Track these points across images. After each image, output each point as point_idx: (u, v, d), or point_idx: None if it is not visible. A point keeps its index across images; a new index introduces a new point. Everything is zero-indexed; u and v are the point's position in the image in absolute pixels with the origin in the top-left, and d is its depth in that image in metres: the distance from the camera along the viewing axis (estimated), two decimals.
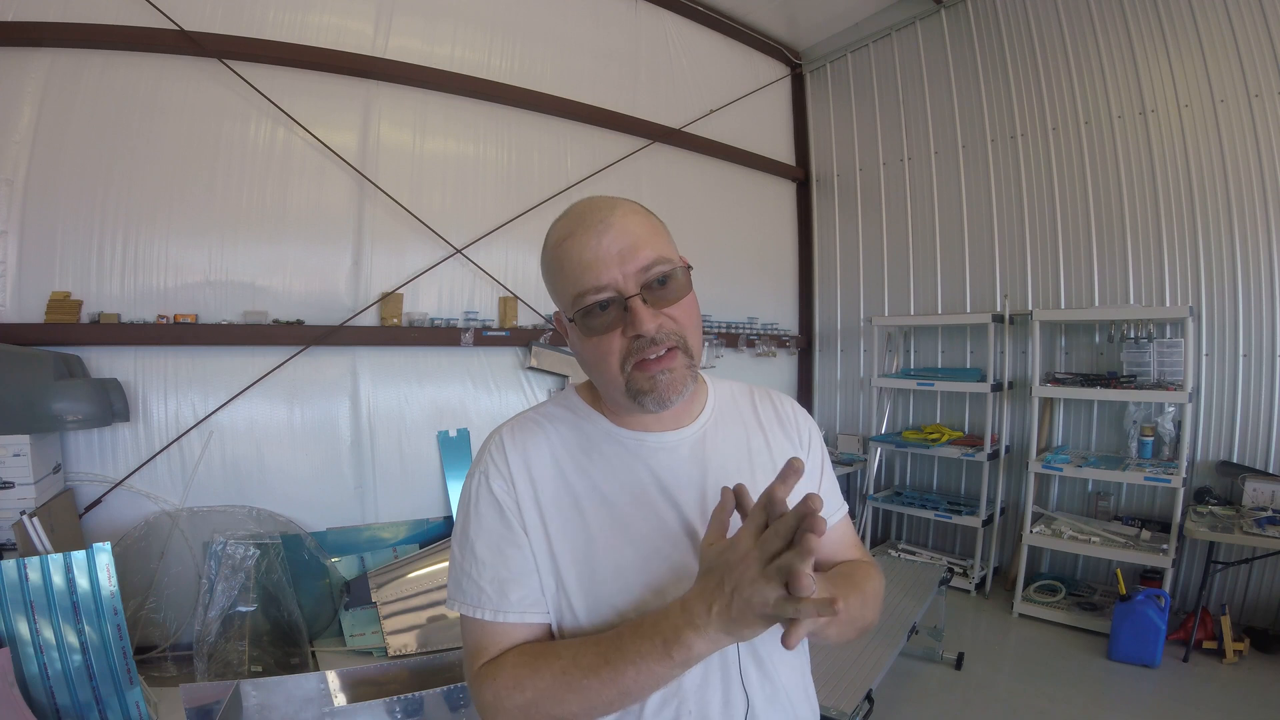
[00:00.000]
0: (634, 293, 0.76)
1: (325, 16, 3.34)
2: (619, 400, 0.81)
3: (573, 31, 4.20)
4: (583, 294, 0.76)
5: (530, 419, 0.88)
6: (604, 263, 0.76)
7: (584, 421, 0.87)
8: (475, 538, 0.81)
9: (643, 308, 0.76)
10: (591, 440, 0.85)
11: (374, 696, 1.98)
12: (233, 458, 3.15)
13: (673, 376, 0.77)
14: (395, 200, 3.49)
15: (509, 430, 0.86)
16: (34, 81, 2.77)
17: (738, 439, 0.90)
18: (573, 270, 0.77)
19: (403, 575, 3.24)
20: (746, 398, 0.97)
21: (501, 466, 0.82)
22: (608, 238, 0.76)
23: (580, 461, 0.84)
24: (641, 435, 0.86)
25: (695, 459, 0.86)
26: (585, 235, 0.77)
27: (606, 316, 0.76)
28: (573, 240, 0.78)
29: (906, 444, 4.40)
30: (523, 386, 3.96)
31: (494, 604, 0.78)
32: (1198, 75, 3.49)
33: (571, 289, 0.77)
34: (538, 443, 0.84)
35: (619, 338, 0.77)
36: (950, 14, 4.54)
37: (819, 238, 5.45)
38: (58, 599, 2.03)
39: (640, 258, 0.76)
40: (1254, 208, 3.35)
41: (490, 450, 0.84)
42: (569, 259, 0.78)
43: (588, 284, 0.76)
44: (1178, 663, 3.04)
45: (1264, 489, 3.19)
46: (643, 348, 0.76)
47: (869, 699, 2.14)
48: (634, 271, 0.76)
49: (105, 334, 2.83)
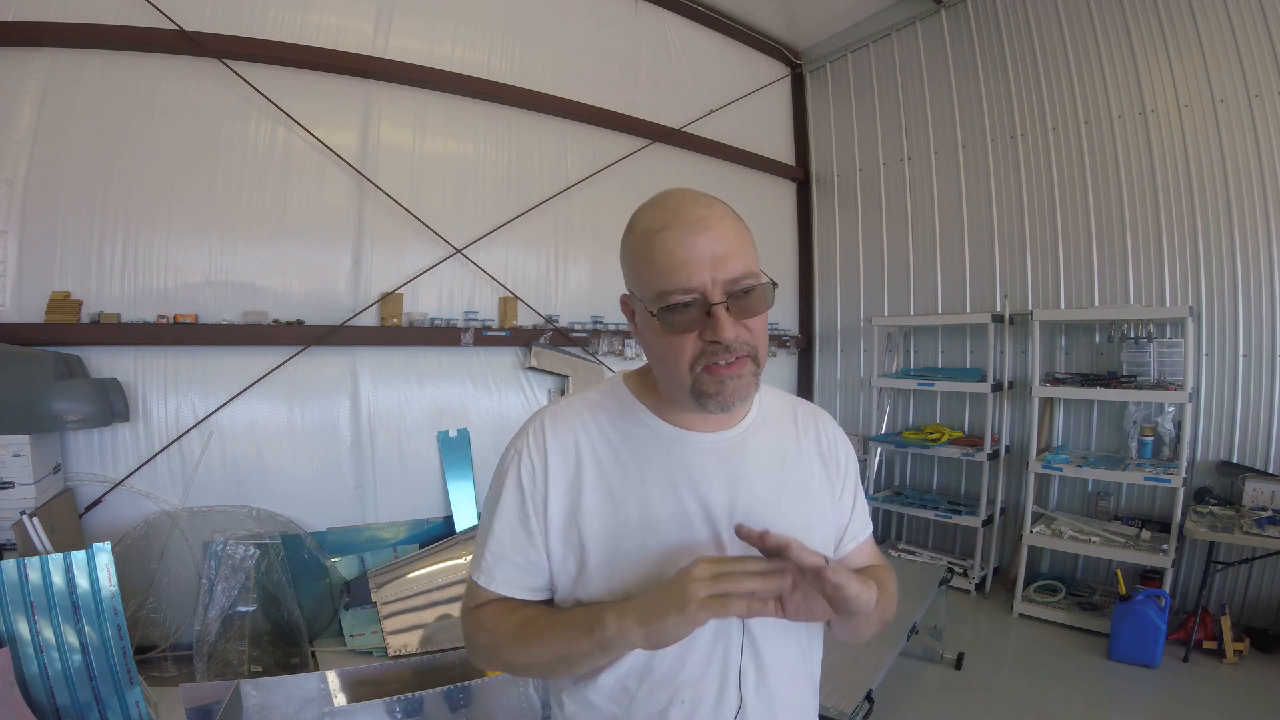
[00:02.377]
0: (720, 300, 0.76)
1: (325, 16, 3.34)
2: (679, 397, 0.83)
3: (573, 31, 4.20)
4: (670, 292, 0.76)
5: (574, 405, 0.90)
6: (697, 265, 0.76)
7: (627, 411, 0.89)
8: (497, 510, 0.86)
9: (725, 316, 0.76)
10: (632, 430, 0.87)
11: (374, 696, 1.98)
12: (233, 458, 3.15)
13: (739, 384, 0.79)
14: (395, 200, 3.49)
15: (551, 414, 0.88)
16: (34, 81, 2.77)
17: (773, 453, 0.91)
18: (664, 264, 0.77)
19: (403, 575, 3.24)
20: (790, 415, 0.97)
21: (536, 451, 0.85)
22: (704, 239, 0.76)
23: (619, 451, 0.86)
24: (682, 433, 0.87)
25: (730, 463, 0.87)
26: (681, 232, 0.76)
27: (688, 316, 0.77)
28: (668, 234, 0.77)
29: (906, 444, 4.40)
30: (523, 386, 3.96)
31: (489, 571, 0.85)
32: (1198, 75, 3.49)
33: (659, 283, 0.77)
34: (577, 429, 0.87)
35: (695, 339, 0.78)
36: (950, 14, 4.54)
37: (819, 238, 5.45)
38: (58, 599, 2.03)
39: (732, 267, 0.77)
40: (1254, 208, 3.35)
41: (530, 432, 0.87)
42: (661, 251, 0.77)
43: (678, 284, 0.76)
44: (1178, 663, 3.04)
45: (1264, 489, 3.19)
46: (716, 353, 0.77)
47: (869, 699, 2.14)
48: (724, 280, 0.76)
49: (105, 334, 2.83)
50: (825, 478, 0.95)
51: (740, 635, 0.82)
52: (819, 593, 0.73)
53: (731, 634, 0.81)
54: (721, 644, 0.81)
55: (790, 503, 0.89)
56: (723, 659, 0.81)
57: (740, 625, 0.82)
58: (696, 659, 0.81)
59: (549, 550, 0.84)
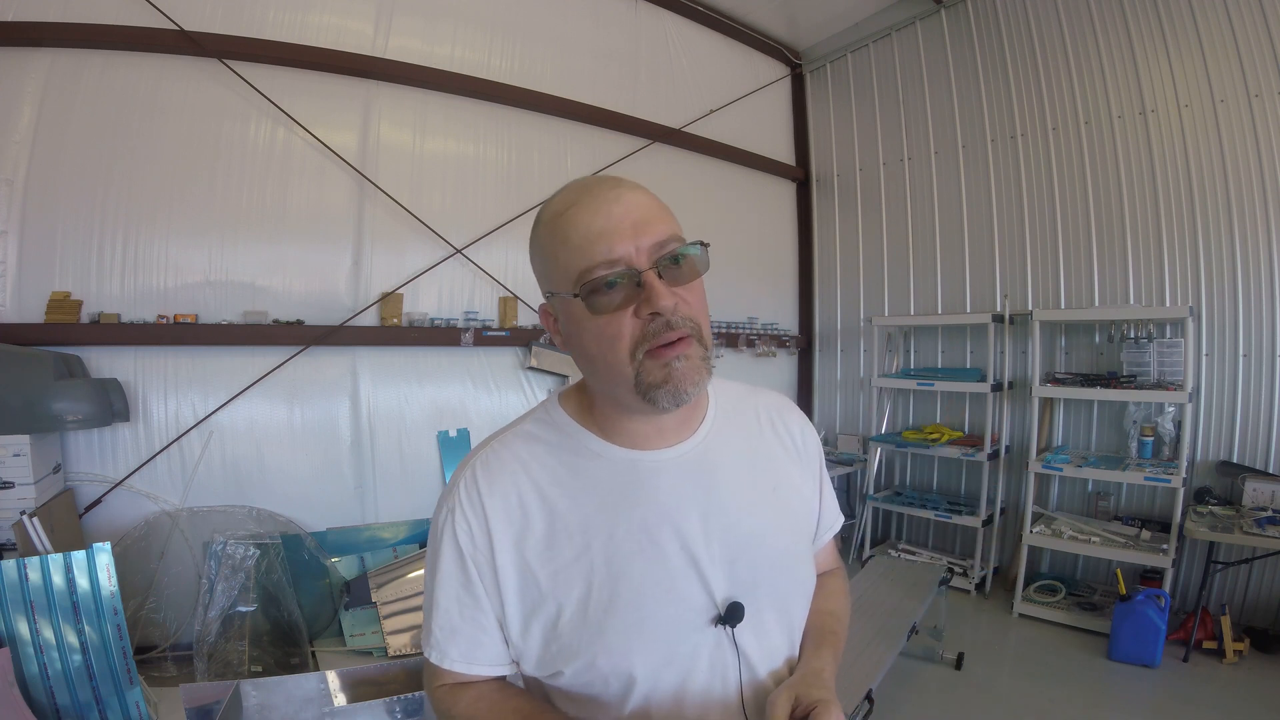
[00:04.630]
0: (649, 267, 0.70)
1: (325, 16, 3.33)
2: (624, 399, 0.74)
3: (573, 31, 4.20)
4: (591, 267, 0.69)
5: (507, 444, 0.80)
6: (617, 234, 0.69)
7: (569, 441, 0.79)
8: (436, 579, 0.78)
9: (658, 282, 0.69)
10: (579, 463, 0.78)
11: (374, 696, 1.97)
12: (233, 458, 3.15)
13: (689, 365, 0.71)
14: (395, 200, 3.49)
15: (483, 461, 0.78)
16: (34, 81, 2.77)
17: (741, 456, 0.84)
18: (580, 241, 0.70)
19: (403, 575, 3.24)
20: (750, 408, 0.90)
21: (471, 508, 0.76)
22: (619, 208, 0.70)
23: (567, 489, 0.77)
24: (636, 455, 0.78)
25: (697, 476, 0.79)
26: (594, 204, 0.71)
27: (617, 292, 0.69)
28: (579, 210, 0.71)
29: (906, 444, 4.40)
30: (523, 386, 3.96)
31: (442, 649, 0.78)
32: (1198, 75, 3.49)
33: (578, 262, 0.70)
34: (516, 473, 0.77)
35: (631, 318, 0.70)
36: (950, 14, 4.53)
37: (819, 237, 5.44)
38: (58, 599, 2.03)
39: (655, 231, 0.70)
40: (1254, 208, 3.35)
41: (461, 485, 0.77)
42: (575, 229, 0.70)
43: (598, 256, 0.69)
44: (1178, 663, 3.04)
45: (1264, 489, 3.19)
46: (658, 331, 0.69)
47: (869, 699, 2.14)
48: (648, 245, 0.70)
49: (105, 334, 2.83)
50: (799, 471, 0.90)
51: (736, 658, 0.77)
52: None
53: (727, 662, 0.76)
54: (719, 675, 0.76)
55: (768, 508, 0.83)
56: (722, 689, 0.76)
57: (734, 648, 0.76)
58: (695, 695, 0.75)
59: (505, 617, 0.76)
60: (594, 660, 0.73)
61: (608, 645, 0.73)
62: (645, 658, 0.74)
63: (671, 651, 0.75)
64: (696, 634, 0.75)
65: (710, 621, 0.75)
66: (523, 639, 0.76)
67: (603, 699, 0.75)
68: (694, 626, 0.75)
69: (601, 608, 0.73)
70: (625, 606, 0.73)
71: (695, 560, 0.76)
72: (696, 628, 0.75)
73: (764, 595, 0.79)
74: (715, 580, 0.76)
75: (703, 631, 0.75)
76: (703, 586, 0.75)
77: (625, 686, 0.74)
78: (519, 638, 0.76)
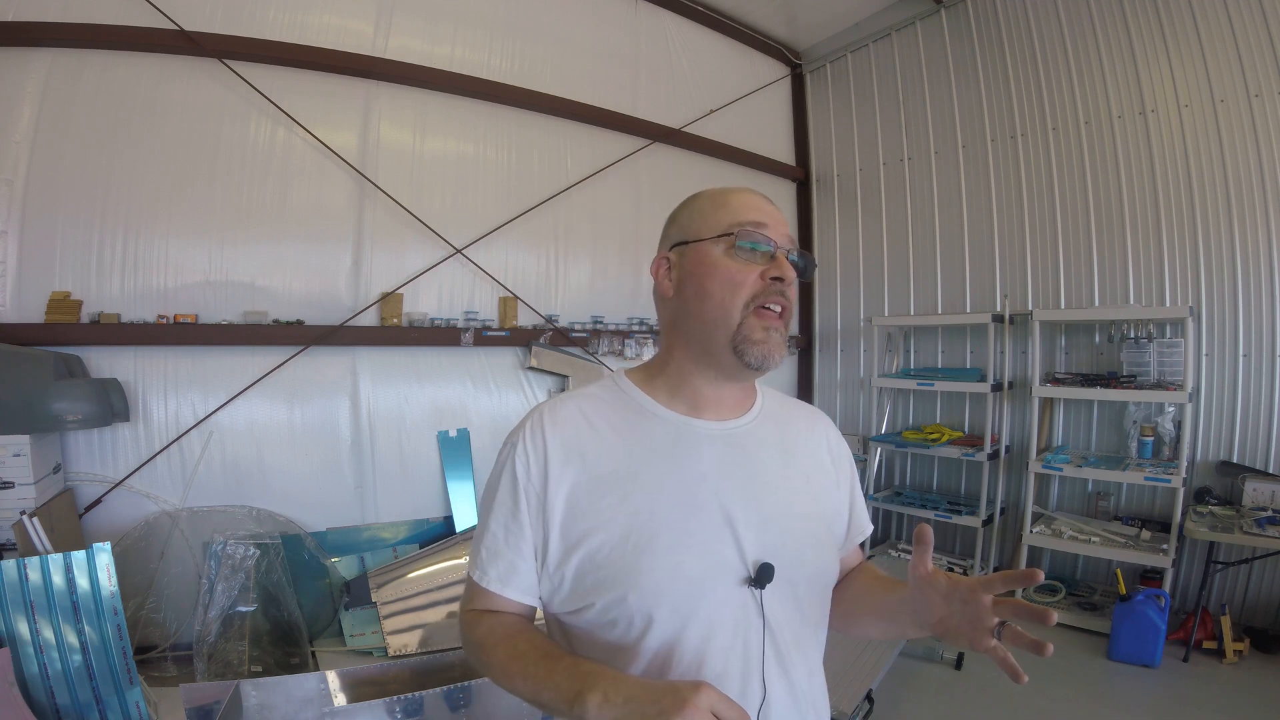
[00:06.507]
0: (787, 249, 0.86)
1: (325, 16, 3.33)
2: (715, 346, 0.84)
3: (573, 31, 4.20)
4: (748, 222, 0.84)
5: (574, 398, 0.90)
6: (770, 215, 0.86)
7: (630, 402, 0.89)
8: (492, 505, 0.86)
9: (789, 263, 0.84)
10: (636, 420, 0.87)
11: (374, 696, 1.97)
12: (233, 458, 3.15)
13: (779, 337, 0.83)
14: (395, 200, 3.49)
15: (550, 406, 0.88)
16: (34, 81, 2.77)
17: (782, 444, 0.92)
18: (740, 206, 0.86)
19: (403, 575, 3.24)
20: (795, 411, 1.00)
21: (534, 444, 0.84)
22: (773, 209, 0.88)
23: (624, 439, 0.85)
24: (690, 420, 0.87)
25: (740, 452, 0.87)
26: (757, 197, 0.88)
27: (756, 253, 0.84)
28: (746, 194, 0.88)
29: (906, 444, 4.40)
30: (523, 387, 3.96)
31: (483, 569, 0.85)
32: (1198, 75, 3.49)
33: (737, 216, 0.85)
34: (578, 421, 0.86)
35: (757, 275, 0.83)
36: (950, 14, 4.53)
37: (819, 237, 5.44)
38: (58, 599, 2.03)
39: (791, 234, 0.88)
40: (1254, 208, 3.35)
41: (528, 425, 0.86)
42: (739, 200, 0.87)
43: (756, 218, 0.85)
44: (1178, 663, 3.04)
45: (1264, 489, 3.19)
46: (773, 293, 0.82)
47: (869, 699, 2.14)
48: (787, 237, 0.86)
49: (105, 334, 2.83)
50: (834, 472, 0.98)
51: (760, 624, 0.80)
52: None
53: (751, 624, 0.80)
54: (741, 635, 0.80)
55: (801, 494, 0.90)
56: (743, 650, 0.80)
57: (760, 614, 0.80)
58: (717, 653, 0.79)
59: (547, 549, 0.82)
60: (625, 595, 0.78)
61: (640, 584, 0.77)
62: (674, 603, 0.78)
63: (699, 603, 0.78)
64: (725, 591, 0.80)
65: (740, 581, 0.80)
66: (559, 570, 0.82)
67: (624, 642, 0.79)
68: (723, 584, 0.80)
69: (640, 547, 0.79)
70: (663, 550, 0.79)
71: (731, 521, 0.82)
72: (726, 585, 0.80)
73: (791, 567, 0.83)
74: (748, 543, 0.81)
75: (731, 590, 0.80)
76: (736, 547, 0.81)
77: (647, 628, 0.78)
78: (556, 569, 0.82)
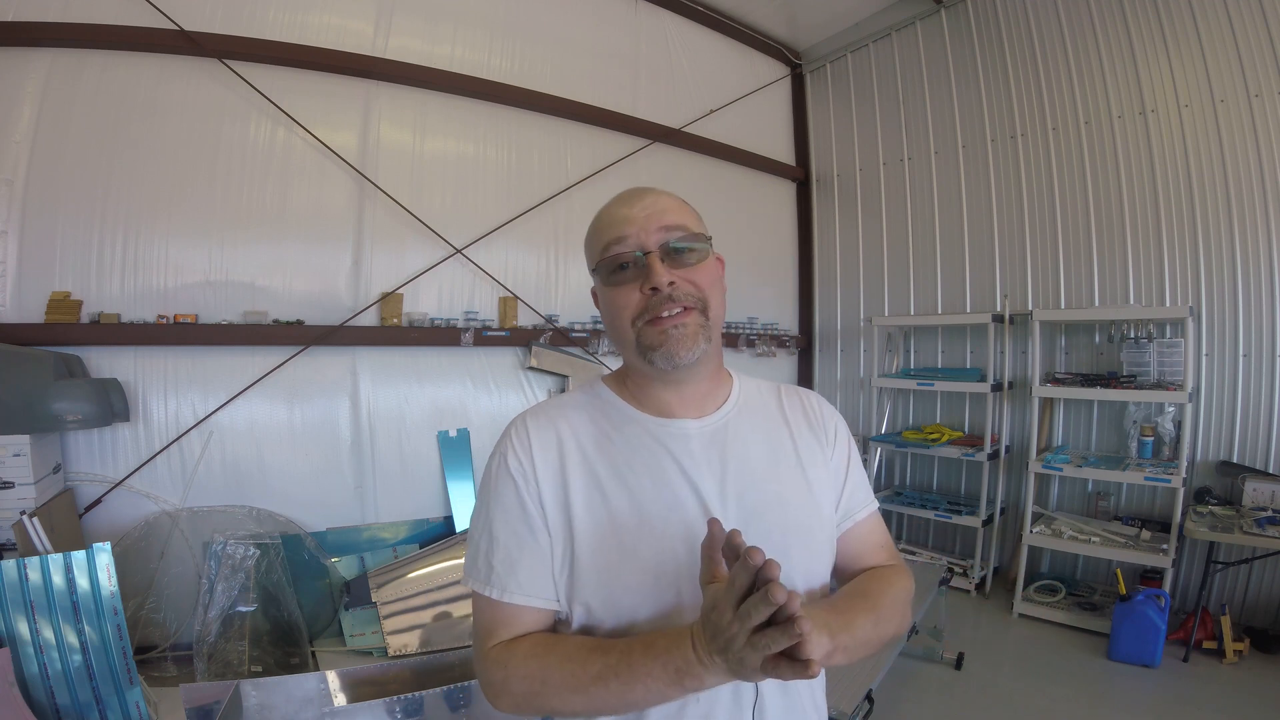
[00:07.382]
0: (652, 249, 0.82)
1: (325, 16, 3.33)
2: (634, 361, 0.85)
3: (573, 31, 4.20)
4: (608, 244, 0.84)
5: (552, 403, 0.92)
6: (633, 221, 0.83)
7: (606, 407, 0.90)
8: (492, 516, 0.83)
9: (659, 264, 0.81)
10: (613, 422, 0.88)
11: (374, 696, 1.98)
12: (233, 458, 3.14)
13: (683, 334, 0.81)
14: (395, 200, 3.49)
15: (531, 414, 0.90)
16: (34, 81, 2.77)
17: (761, 433, 0.91)
18: (602, 229, 0.86)
19: (403, 575, 3.24)
20: (773, 394, 0.98)
21: (522, 447, 0.85)
22: (638, 205, 0.85)
23: (601, 442, 0.86)
24: (666, 421, 0.87)
25: (716, 447, 0.87)
26: (619, 202, 0.87)
27: (627, 271, 0.83)
28: (608, 207, 0.88)
29: (906, 444, 4.40)
30: (523, 387, 3.96)
31: (502, 582, 0.80)
32: (1198, 75, 3.49)
33: (601, 243, 0.85)
34: (559, 424, 0.87)
35: (636, 292, 0.82)
36: (950, 14, 4.53)
37: (819, 238, 5.44)
38: (58, 599, 2.03)
39: (664, 220, 0.84)
40: (1254, 208, 3.35)
41: (512, 432, 0.87)
42: (601, 220, 0.87)
43: (613, 236, 0.84)
44: (1178, 663, 3.04)
45: (1264, 489, 3.19)
46: (658, 305, 0.81)
47: (869, 699, 2.14)
48: (655, 230, 0.83)
49: (105, 334, 2.82)
50: (816, 445, 0.93)
51: None
52: None
53: None
54: None
55: (787, 480, 0.88)
56: None
57: None
58: None
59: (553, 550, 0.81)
60: (608, 596, 0.78)
61: (624, 585, 0.78)
62: (657, 603, 0.78)
63: (682, 603, 0.78)
64: None
65: None
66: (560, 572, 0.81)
67: None
68: None
69: (623, 548, 0.79)
70: (645, 550, 0.79)
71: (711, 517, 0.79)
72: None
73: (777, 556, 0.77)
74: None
75: None
76: None
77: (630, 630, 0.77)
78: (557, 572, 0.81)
